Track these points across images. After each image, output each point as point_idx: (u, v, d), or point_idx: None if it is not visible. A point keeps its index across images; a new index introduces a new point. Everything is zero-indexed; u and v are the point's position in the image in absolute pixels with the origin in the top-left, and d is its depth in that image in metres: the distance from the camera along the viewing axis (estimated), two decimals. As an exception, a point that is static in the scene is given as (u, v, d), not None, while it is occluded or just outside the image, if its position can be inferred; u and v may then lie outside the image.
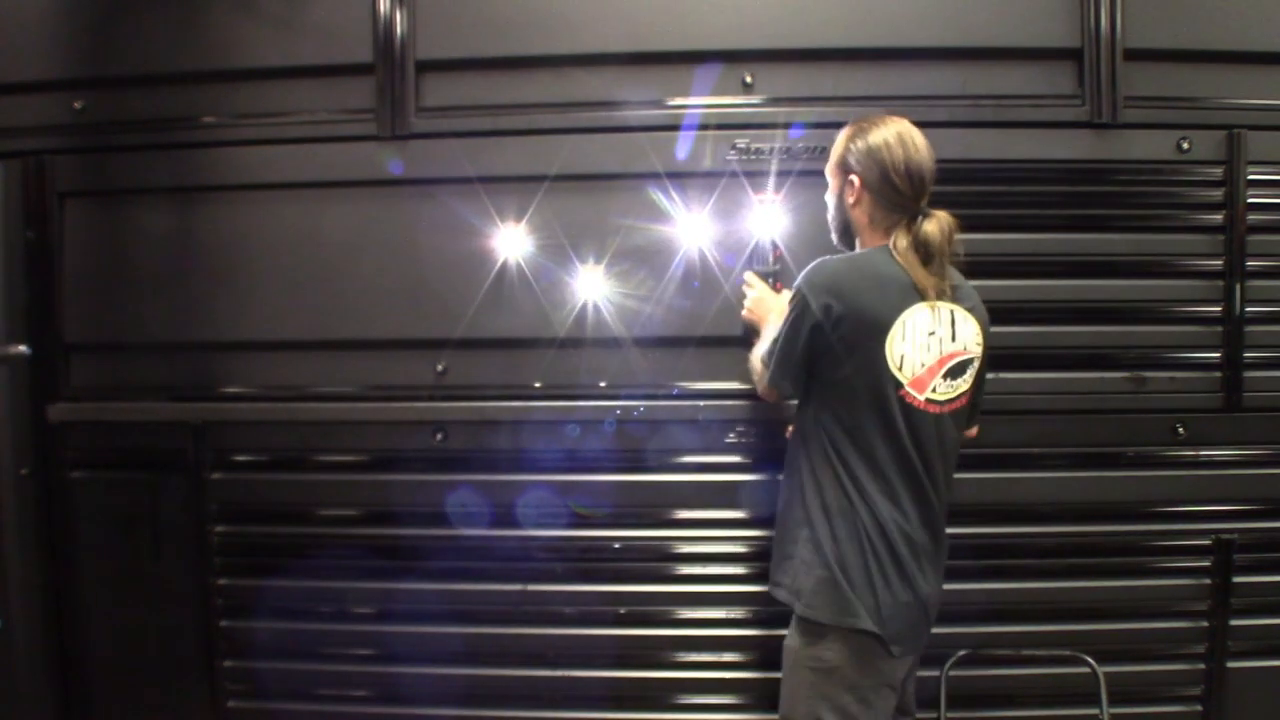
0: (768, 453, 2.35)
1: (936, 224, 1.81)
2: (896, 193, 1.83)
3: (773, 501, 2.06)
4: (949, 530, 1.91)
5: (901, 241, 1.81)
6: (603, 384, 2.39)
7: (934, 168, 1.85)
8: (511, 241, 2.37)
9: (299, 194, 2.42)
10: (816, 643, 1.81)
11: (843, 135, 1.93)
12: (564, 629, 2.41)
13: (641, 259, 2.36)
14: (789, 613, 1.88)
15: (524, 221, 2.36)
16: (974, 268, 2.28)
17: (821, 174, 2.01)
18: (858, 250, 1.94)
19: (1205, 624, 2.37)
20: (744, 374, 2.23)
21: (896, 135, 1.85)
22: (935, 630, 1.91)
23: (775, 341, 1.88)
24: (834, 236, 2.01)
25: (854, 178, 1.88)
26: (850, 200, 1.90)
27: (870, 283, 1.78)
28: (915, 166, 1.83)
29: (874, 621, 1.77)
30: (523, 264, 2.37)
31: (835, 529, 1.80)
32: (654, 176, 2.34)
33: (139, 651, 2.50)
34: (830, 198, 1.98)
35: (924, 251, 1.80)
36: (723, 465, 2.39)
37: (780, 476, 2.02)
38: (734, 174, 2.33)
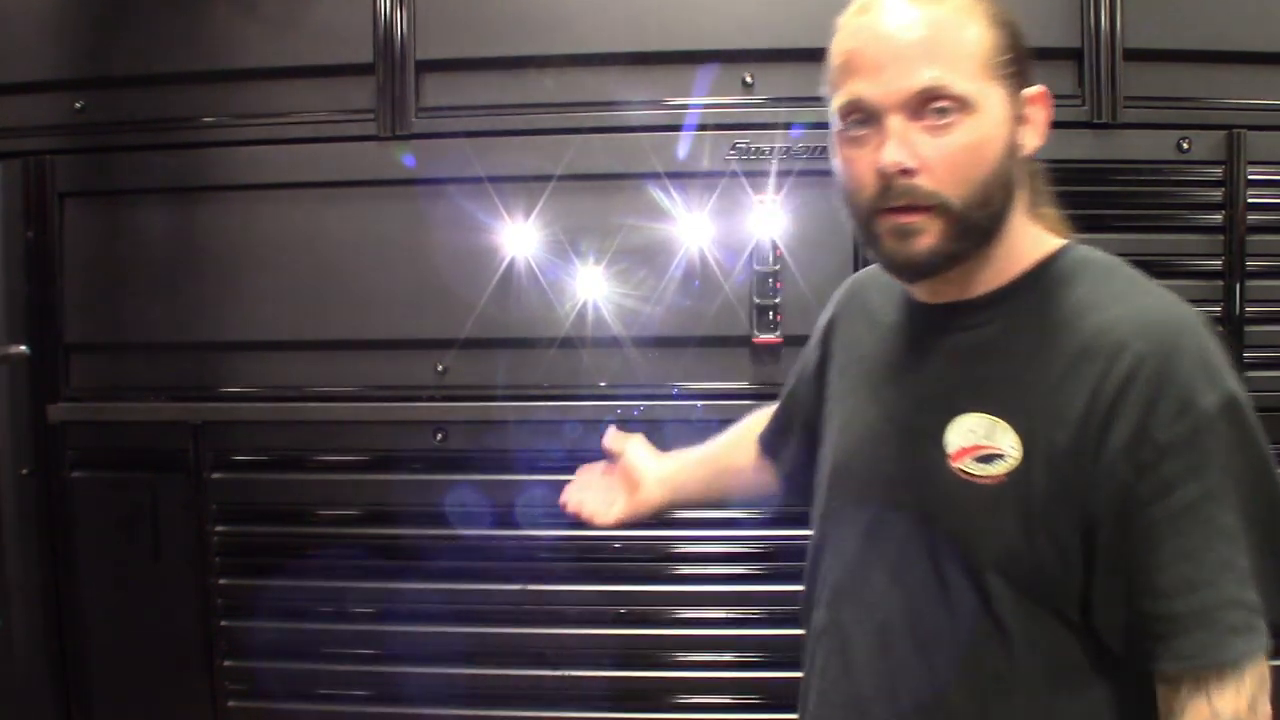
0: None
1: None
2: None
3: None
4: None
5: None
6: (603, 384, 2.39)
7: None
8: (512, 241, 2.37)
9: (299, 194, 2.42)
10: None
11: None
12: (564, 629, 2.41)
13: (641, 259, 2.36)
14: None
15: (525, 222, 2.36)
16: (974, 268, 2.30)
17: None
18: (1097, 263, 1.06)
19: (1205, 624, 2.37)
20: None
21: None
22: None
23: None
24: (979, 210, 0.98)
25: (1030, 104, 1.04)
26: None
27: None
28: None
29: None
30: (523, 264, 2.37)
31: None
32: (654, 176, 2.33)
33: (139, 651, 2.50)
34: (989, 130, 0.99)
35: None
36: (723, 465, 2.38)
37: None
38: (734, 174, 2.33)
